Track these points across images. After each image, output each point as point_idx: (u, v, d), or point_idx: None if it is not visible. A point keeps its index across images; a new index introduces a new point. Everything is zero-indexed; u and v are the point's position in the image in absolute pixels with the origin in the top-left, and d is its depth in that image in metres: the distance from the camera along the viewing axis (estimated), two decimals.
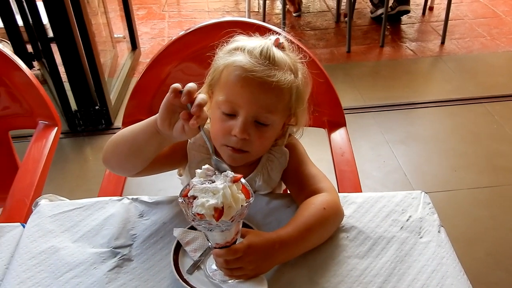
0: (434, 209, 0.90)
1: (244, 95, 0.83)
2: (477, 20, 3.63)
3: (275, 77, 0.82)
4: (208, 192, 0.65)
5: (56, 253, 0.82)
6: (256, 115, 0.84)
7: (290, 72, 0.85)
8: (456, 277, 0.77)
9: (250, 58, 0.82)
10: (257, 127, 0.85)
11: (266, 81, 0.81)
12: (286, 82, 0.83)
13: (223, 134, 0.86)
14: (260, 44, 0.84)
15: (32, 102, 1.31)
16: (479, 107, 2.64)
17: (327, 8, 3.89)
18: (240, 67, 0.82)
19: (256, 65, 0.82)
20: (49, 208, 0.91)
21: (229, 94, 0.84)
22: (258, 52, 0.83)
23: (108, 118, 2.52)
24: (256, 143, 0.86)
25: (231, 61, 0.84)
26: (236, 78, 0.83)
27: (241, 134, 0.83)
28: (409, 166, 2.25)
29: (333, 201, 0.85)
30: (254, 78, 0.81)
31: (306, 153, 0.98)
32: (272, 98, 0.83)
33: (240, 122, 0.83)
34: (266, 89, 0.82)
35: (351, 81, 2.94)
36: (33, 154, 1.23)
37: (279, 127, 0.90)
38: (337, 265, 0.80)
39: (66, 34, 2.18)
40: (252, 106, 0.83)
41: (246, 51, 0.84)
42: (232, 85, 0.83)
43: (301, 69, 0.90)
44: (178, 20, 3.76)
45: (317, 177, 0.90)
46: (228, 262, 0.72)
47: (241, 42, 0.87)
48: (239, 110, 0.84)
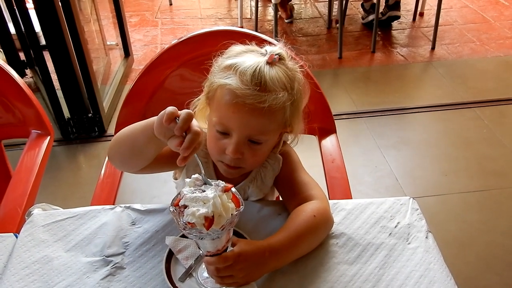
0: (422, 215, 0.91)
1: (235, 119, 0.84)
2: (466, 26, 3.67)
3: (266, 103, 0.82)
4: (199, 201, 0.66)
5: (49, 263, 0.83)
6: (249, 135, 0.86)
7: (284, 91, 0.84)
8: (443, 282, 0.78)
9: (241, 84, 0.82)
10: (250, 146, 0.87)
11: (257, 107, 0.82)
12: (279, 103, 0.83)
13: (217, 152, 0.89)
14: (252, 65, 0.83)
15: (25, 112, 1.31)
16: (469, 112, 2.67)
17: (319, 14, 3.92)
18: (231, 92, 0.82)
19: (246, 92, 0.81)
20: (42, 217, 0.92)
21: (221, 116, 0.86)
22: (250, 76, 0.82)
23: (101, 126, 2.53)
24: (250, 160, 0.89)
25: (224, 83, 0.84)
26: (227, 103, 0.83)
27: (234, 154, 0.86)
28: (401, 171, 2.27)
29: (323, 208, 0.86)
30: (244, 104, 0.81)
31: (299, 160, 0.99)
32: (264, 122, 0.85)
33: (233, 143, 0.85)
34: (257, 115, 0.83)
35: (342, 86, 2.96)
36: (25, 163, 1.23)
37: (273, 141, 0.92)
38: (327, 271, 0.81)
39: (59, 41, 2.19)
40: (243, 129, 0.85)
41: (238, 74, 0.83)
42: (224, 108, 0.85)
43: (298, 79, 0.89)
44: (171, 27, 3.78)
45: (309, 185, 0.92)
46: (219, 270, 0.73)
47: (235, 59, 0.86)
48: (232, 131, 0.86)
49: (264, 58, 0.84)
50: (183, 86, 1.27)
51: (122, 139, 0.86)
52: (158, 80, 1.28)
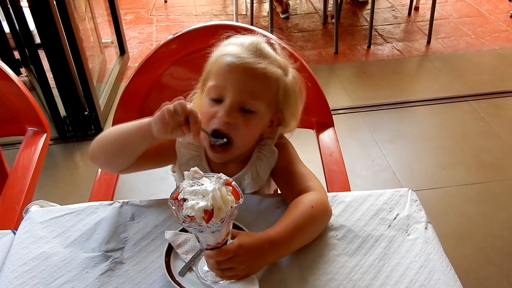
0: (421, 206, 0.91)
1: (231, 79, 0.86)
2: (461, 19, 3.68)
3: (261, 65, 0.86)
4: (198, 195, 0.66)
5: (48, 259, 0.82)
6: (242, 101, 0.86)
7: (279, 67, 0.89)
8: (443, 272, 0.78)
9: (240, 48, 0.88)
10: (242, 114, 0.87)
11: (253, 68, 0.86)
12: (273, 72, 0.88)
13: (209, 118, 0.88)
14: (250, 38, 0.90)
15: (21, 109, 1.31)
16: (466, 105, 2.68)
17: (314, 10, 3.92)
18: (230, 54, 0.87)
19: (245, 52, 0.87)
20: (40, 214, 0.91)
21: (217, 79, 0.88)
22: (249, 43, 0.88)
23: (97, 124, 2.52)
24: (241, 130, 0.87)
25: (223, 51, 0.90)
26: (224, 63, 0.87)
27: (225, 116, 0.86)
28: (398, 165, 2.28)
29: (321, 199, 0.86)
30: (241, 63, 0.86)
31: (296, 152, 0.99)
32: (258, 85, 0.87)
33: (225, 105, 0.86)
34: (253, 75, 0.86)
35: (339, 81, 2.96)
36: (22, 161, 1.22)
37: (265, 118, 0.91)
38: (327, 263, 0.81)
39: (54, 40, 2.18)
40: (237, 90, 0.86)
41: (238, 43, 0.89)
42: (221, 70, 0.88)
43: (292, 72, 0.93)
44: (166, 24, 3.77)
45: (306, 176, 0.92)
46: (219, 263, 0.73)
47: (233, 38, 0.92)
48: (226, 95, 0.87)
49: (263, 38, 0.91)
50: (179, 82, 1.27)
51: (112, 139, 0.88)
52: (154, 77, 1.28)
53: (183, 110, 0.78)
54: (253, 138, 0.93)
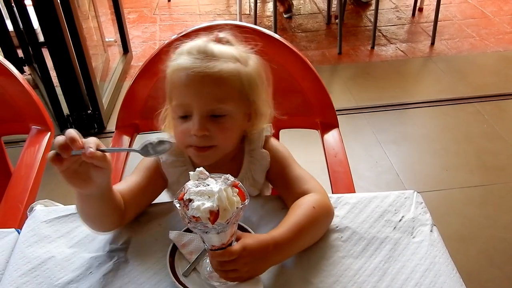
0: (427, 209, 0.91)
1: (191, 93, 0.84)
2: (466, 21, 3.67)
3: (216, 68, 0.82)
4: (204, 195, 0.66)
5: (52, 258, 0.82)
6: (209, 109, 0.84)
7: (235, 60, 0.85)
8: (449, 275, 0.78)
9: (189, 57, 0.84)
10: (215, 121, 0.85)
11: (208, 74, 0.82)
12: (231, 69, 0.84)
13: (183, 136, 0.86)
14: (197, 43, 0.86)
15: (24, 107, 1.31)
16: (470, 107, 2.67)
17: (318, 10, 3.91)
18: (182, 68, 0.84)
19: (194, 61, 0.83)
20: (44, 213, 0.91)
21: (178, 97, 0.86)
22: (197, 48, 0.84)
23: (100, 122, 2.52)
24: (219, 136, 0.85)
25: (174, 66, 0.86)
26: (179, 79, 0.84)
27: (199, 131, 0.83)
28: (401, 166, 2.27)
29: (321, 199, 0.86)
30: (195, 74, 0.82)
31: (290, 154, 0.97)
32: (219, 88, 0.84)
33: (195, 120, 0.83)
34: (210, 81, 0.83)
35: (342, 82, 2.96)
36: (26, 160, 1.22)
37: (238, 115, 0.88)
38: (332, 265, 0.80)
39: (57, 38, 2.18)
40: (201, 101, 0.83)
41: (185, 52, 0.85)
42: (179, 87, 0.85)
43: (252, 58, 0.90)
44: (169, 24, 3.77)
45: (303, 179, 0.91)
46: (223, 264, 0.73)
47: (180, 47, 0.88)
48: (192, 109, 0.84)
49: (210, 37, 0.87)
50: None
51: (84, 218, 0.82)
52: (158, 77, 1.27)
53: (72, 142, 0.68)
54: (234, 137, 0.91)
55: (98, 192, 0.74)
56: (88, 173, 0.71)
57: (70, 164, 0.69)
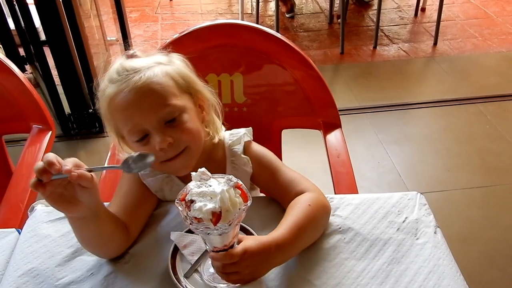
0: (430, 210, 0.90)
1: (134, 113, 0.82)
2: (468, 21, 3.65)
3: (143, 77, 0.81)
4: (206, 196, 0.65)
5: (52, 258, 0.82)
6: (159, 117, 0.82)
7: (157, 64, 0.85)
8: (452, 278, 0.77)
9: (114, 84, 0.83)
10: (172, 126, 0.83)
11: (138, 86, 0.81)
12: (157, 73, 0.83)
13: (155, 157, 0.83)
14: (113, 68, 0.85)
15: (25, 106, 1.30)
16: (472, 107, 2.66)
17: (320, 9, 3.90)
18: (112, 97, 0.83)
19: (120, 83, 0.82)
20: (45, 213, 0.90)
21: (125, 124, 0.83)
22: (115, 74, 0.83)
23: (101, 122, 2.50)
24: (184, 137, 0.84)
25: (105, 100, 0.84)
26: (117, 107, 0.83)
27: (162, 143, 0.81)
28: (403, 167, 2.26)
29: (316, 197, 0.86)
30: (127, 93, 0.81)
31: (275, 158, 0.95)
32: (155, 94, 0.82)
33: (154, 135, 0.82)
34: (144, 92, 0.81)
35: (344, 82, 2.95)
36: (27, 159, 1.22)
37: (190, 109, 0.86)
38: (334, 267, 0.80)
39: (59, 37, 2.17)
40: (148, 115, 0.81)
41: (108, 81, 0.84)
42: (121, 115, 0.83)
43: (173, 56, 0.90)
44: (171, 23, 3.76)
45: (295, 181, 0.90)
46: (224, 266, 0.72)
47: (102, 82, 0.86)
48: (144, 128, 0.82)
49: (122, 57, 0.86)
50: None
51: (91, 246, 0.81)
52: None
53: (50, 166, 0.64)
54: (199, 132, 0.88)
55: (90, 213, 0.73)
56: (74, 195, 0.69)
57: (54, 188, 0.66)
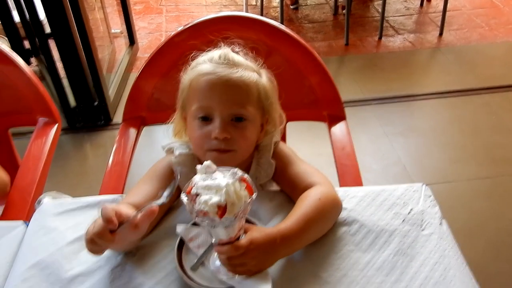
0: (435, 202, 0.90)
1: (214, 96, 0.86)
2: (475, 11, 3.62)
3: (238, 73, 0.86)
4: (211, 189, 0.65)
5: (60, 250, 0.82)
6: (231, 113, 0.86)
7: (252, 70, 0.90)
8: (458, 269, 0.77)
9: (212, 63, 0.88)
10: (236, 125, 0.86)
11: (231, 78, 0.86)
12: (250, 77, 0.88)
13: (204, 139, 0.87)
14: (218, 52, 0.89)
15: (32, 99, 1.30)
16: (478, 98, 2.64)
17: (325, 0, 3.87)
18: (204, 73, 0.87)
19: (218, 66, 0.87)
20: (52, 206, 0.91)
21: (200, 100, 0.87)
22: (217, 56, 0.88)
23: (107, 114, 2.52)
24: (239, 141, 0.87)
25: (195, 72, 0.88)
26: (202, 83, 0.87)
27: (221, 134, 0.84)
28: (409, 159, 2.26)
29: (327, 191, 0.85)
30: (219, 77, 0.85)
31: (291, 151, 0.97)
32: (241, 92, 0.87)
33: (217, 123, 0.85)
34: (233, 85, 0.86)
35: (349, 74, 2.93)
36: (33, 152, 1.22)
37: (257, 122, 0.91)
38: (340, 259, 0.80)
39: (64, 30, 2.17)
40: (224, 104, 0.85)
41: (207, 60, 0.89)
42: (201, 91, 0.87)
43: (264, 72, 0.94)
44: (175, 15, 3.75)
45: (307, 173, 0.91)
46: (231, 258, 0.73)
47: (200, 57, 0.91)
48: (214, 112, 0.86)
49: (228, 48, 0.90)
50: None
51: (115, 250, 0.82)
52: (164, 69, 1.26)
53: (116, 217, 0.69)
54: (251, 145, 0.92)
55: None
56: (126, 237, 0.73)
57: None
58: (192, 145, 0.93)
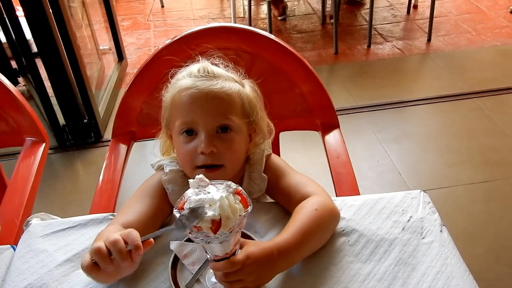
0: (435, 208, 0.88)
1: (196, 110, 0.84)
2: (461, 16, 3.65)
3: (218, 85, 0.85)
4: (205, 204, 0.63)
5: (50, 274, 0.79)
6: (215, 125, 0.84)
7: (234, 81, 0.88)
8: (461, 277, 0.75)
9: (191, 77, 0.86)
10: (222, 137, 0.84)
11: (212, 90, 0.84)
12: (232, 87, 0.86)
13: (190, 156, 0.85)
14: (196, 65, 0.88)
15: (18, 119, 1.28)
16: (470, 102, 2.65)
17: (312, 10, 3.89)
18: (184, 88, 0.85)
19: (197, 80, 0.85)
20: (40, 227, 0.88)
21: (183, 115, 0.85)
22: (196, 70, 0.87)
23: (97, 131, 2.49)
24: (227, 153, 0.85)
25: (175, 89, 0.87)
26: (184, 98, 0.85)
27: (207, 148, 0.82)
28: (403, 165, 2.24)
29: (323, 201, 0.83)
30: (199, 91, 0.84)
31: (284, 163, 0.96)
32: (223, 103, 0.85)
33: (202, 137, 0.83)
34: (214, 98, 0.84)
35: (340, 82, 2.93)
36: (21, 172, 1.19)
37: (243, 132, 0.88)
38: (340, 271, 0.77)
39: (51, 48, 2.15)
40: (207, 117, 0.84)
41: (186, 75, 0.87)
42: (183, 106, 0.85)
43: (247, 82, 0.92)
44: (163, 29, 3.74)
45: (301, 184, 0.89)
46: (227, 275, 0.70)
47: (179, 73, 0.89)
48: (198, 126, 0.84)
49: (207, 61, 0.89)
50: None
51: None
52: (153, 83, 1.24)
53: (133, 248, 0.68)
54: (241, 157, 0.90)
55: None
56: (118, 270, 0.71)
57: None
58: (179, 163, 0.90)
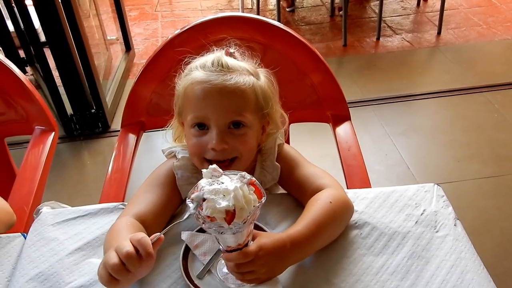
0: (448, 202, 0.88)
1: (209, 106, 0.82)
2: (472, 9, 3.61)
3: (232, 80, 0.82)
4: (219, 194, 0.62)
5: (60, 262, 0.79)
6: (228, 122, 0.82)
7: (249, 74, 0.85)
8: (476, 272, 0.75)
9: (204, 71, 0.83)
10: (234, 133, 0.83)
11: (226, 86, 0.81)
12: (246, 82, 0.83)
13: (201, 148, 0.84)
14: (210, 57, 0.85)
15: (28, 108, 1.27)
16: (479, 96, 2.62)
17: (321, 2, 3.86)
18: (197, 82, 0.83)
19: (211, 74, 0.82)
20: (51, 216, 0.88)
21: (195, 110, 0.84)
22: (210, 63, 0.84)
23: (104, 121, 2.49)
24: (239, 148, 0.84)
25: (188, 80, 0.85)
26: (196, 93, 0.83)
27: (218, 145, 0.81)
28: (412, 159, 2.23)
29: (338, 194, 0.82)
30: (213, 86, 0.81)
31: (297, 154, 0.95)
32: (237, 100, 0.83)
33: (214, 134, 0.81)
34: (228, 94, 0.82)
35: (348, 74, 2.91)
36: (30, 161, 1.19)
37: (256, 127, 0.87)
38: (352, 263, 0.77)
39: (59, 38, 2.15)
40: (220, 113, 0.82)
41: (199, 67, 0.85)
42: (195, 101, 0.83)
43: (262, 72, 0.90)
44: (171, 20, 3.73)
45: (315, 175, 0.88)
46: (239, 266, 0.69)
47: (192, 63, 0.87)
48: (210, 122, 0.82)
49: (221, 52, 0.86)
50: None
51: None
52: (162, 73, 1.23)
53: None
54: (253, 149, 0.89)
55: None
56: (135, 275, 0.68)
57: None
58: (188, 152, 0.89)
